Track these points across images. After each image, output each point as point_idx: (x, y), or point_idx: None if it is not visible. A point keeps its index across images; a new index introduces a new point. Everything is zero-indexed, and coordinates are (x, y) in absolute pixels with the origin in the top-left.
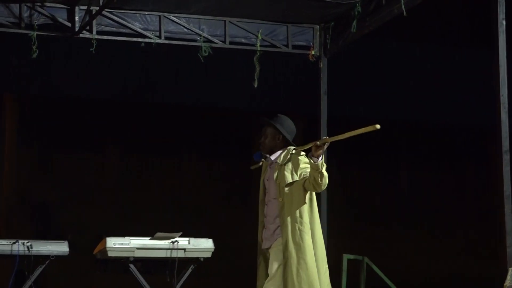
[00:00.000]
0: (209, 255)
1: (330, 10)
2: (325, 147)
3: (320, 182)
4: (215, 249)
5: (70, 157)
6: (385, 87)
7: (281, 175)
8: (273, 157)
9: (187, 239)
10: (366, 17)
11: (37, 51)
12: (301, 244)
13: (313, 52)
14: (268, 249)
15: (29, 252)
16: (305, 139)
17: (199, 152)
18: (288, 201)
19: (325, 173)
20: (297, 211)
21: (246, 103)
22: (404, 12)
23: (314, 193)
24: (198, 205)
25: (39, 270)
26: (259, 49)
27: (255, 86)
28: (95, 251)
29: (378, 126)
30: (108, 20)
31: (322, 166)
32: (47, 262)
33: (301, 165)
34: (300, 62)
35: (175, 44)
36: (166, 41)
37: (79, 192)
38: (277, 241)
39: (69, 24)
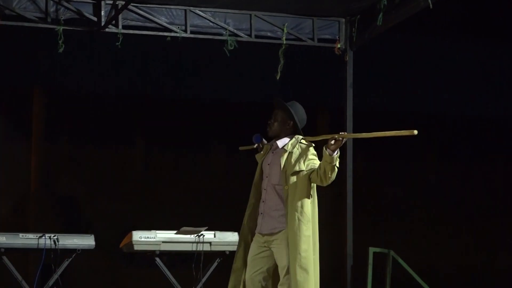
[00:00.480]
0: (235, 248)
1: (356, 3)
2: (343, 142)
3: (329, 175)
4: None
5: (97, 150)
6: (410, 80)
7: (288, 163)
8: (280, 143)
9: (213, 232)
10: (392, 10)
11: (63, 46)
12: (298, 233)
13: (339, 46)
14: (267, 235)
15: (55, 245)
16: (331, 132)
17: (225, 145)
18: (292, 190)
19: (336, 168)
20: (299, 201)
21: (271, 97)
22: (430, 5)
23: (315, 188)
24: (224, 198)
25: (65, 264)
26: (284, 42)
27: (277, 78)
28: (121, 244)
29: (415, 132)
30: (134, 15)
31: (336, 160)
32: (73, 255)
33: (309, 156)
34: (326, 56)
35: (200, 38)
36: (192, 35)
37: (106, 186)
38: (282, 233)
39: (95, 19)
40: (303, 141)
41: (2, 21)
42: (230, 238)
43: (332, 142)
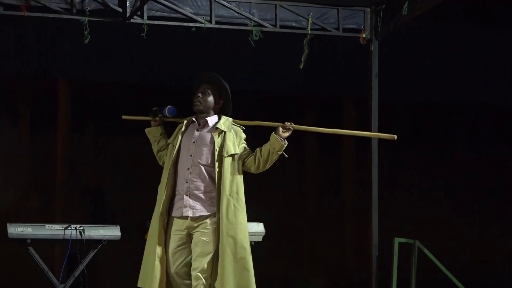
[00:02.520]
0: (260, 239)
1: None
2: (290, 132)
3: (270, 163)
4: (265, 233)
5: (123, 141)
6: (436, 69)
7: (223, 144)
8: (210, 121)
9: None
10: None
11: (89, 37)
12: (234, 221)
13: (364, 35)
14: (192, 220)
15: (81, 236)
16: (357, 121)
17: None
18: (226, 173)
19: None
20: (235, 186)
21: (295, 87)
22: None
23: None
24: (248, 188)
25: (91, 255)
26: (309, 32)
27: (301, 67)
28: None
29: (395, 137)
30: (159, 5)
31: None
32: (99, 246)
33: (243, 140)
34: (351, 46)
35: (225, 29)
36: (217, 26)
37: (132, 176)
38: (209, 220)
39: (120, 10)
40: (233, 123)
41: (28, 13)
42: (255, 228)
43: (284, 129)
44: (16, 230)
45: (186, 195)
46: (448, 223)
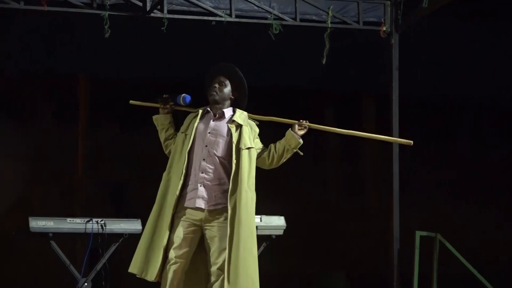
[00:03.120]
0: (281, 232)
1: None
2: (306, 130)
3: (284, 160)
4: (287, 227)
5: (143, 135)
6: (457, 63)
7: (241, 137)
8: (227, 112)
9: (259, 216)
10: None
11: (109, 31)
12: (251, 214)
13: (384, 28)
14: (208, 211)
15: (102, 230)
16: (377, 115)
17: (271, 130)
18: (245, 166)
19: None
20: (251, 180)
21: (316, 81)
22: None
23: None
24: (269, 182)
25: (112, 248)
26: (330, 26)
27: (323, 62)
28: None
29: (411, 143)
30: None
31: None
32: (120, 240)
33: (257, 135)
34: (371, 39)
35: (245, 22)
36: (237, 19)
37: (153, 170)
38: (223, 214)
39: (140, 4)
40: (249, 117)
41: (48, 7)
42: (276, 222)
43: (300, 127)
44: (38, 224)
45: (201, 186)
46: (470, 216)
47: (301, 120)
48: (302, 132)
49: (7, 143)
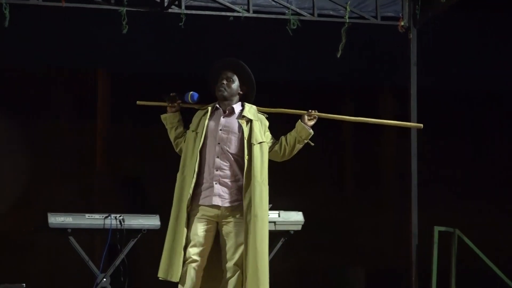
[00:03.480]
0: (299, 228)
1: None
2: (316, 120)
3: (295, 151)
4: (305, 222)
5: (161, 131)
6: (476, 57)
7: (252, 132)
8: (236, 108)
9: (277, 212)
10: None
11: (127, 27)
12: (265, 208)
13: (402, 23)
14: (225, 208)
15: (121, 226)
16: (395, 109)
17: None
18: (257, 161)
19: None
20: (265, 175)
21: (333, 75)
22: None
23: None
24: (288, 178)
25: (131, 244)
26: (347, 21)
27: (338, 56)
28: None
29: (421, 126)
30: None
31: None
32: (139, 235)
33: (267, 128)
34: (389, 34)
35: (263, 18)
36: (254, 15)
37: (171, 165)
38: (238, 209)
39: None
40: (258, 111)
41: (66, 3)
42: (295, 217)
43: (310, 117)
44: (56, 219)
45: (216, 183)
46: (488, 212)
47: (310, 110)
48: (312, 123)
49: (26, 139)
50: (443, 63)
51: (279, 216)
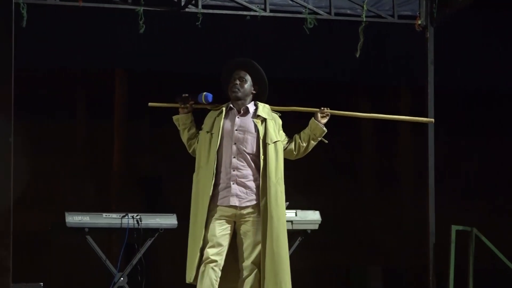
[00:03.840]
0: (316, 227)
1: None
2: (328, 117)
3: (310, 149)
4: (321, 221)
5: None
6: (493, 57)
7: (267, 132)
8: (251, 107)
9: (294, 211)
10: None
11: (144, 26)
12: (281, 208)
13: (419, 22)
14: (241, 208)
15: (138, 225)
16: (412, 109)
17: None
18: (272, 160)
19: None
20: (280, 174)
21: (350, 76)
22: None
23: None
24: (304, 177)
25: (148, 243)
26: (364, 20)
27: (357, 56)
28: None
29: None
30: None
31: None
32: (156, 235)
33: (281, 127)
34: (406, 33)
35: (279, 17)
36: (271, 14)
37: (188, 164)
38: (256, 209)
39: None
40: (270, 110)
41: (83, 3)
42: (311, 216)
43: (323, 115)
44: (74, 219)
45: (234, 184)
46: (506, 210)
47: (322, 108)
48: (325, 120)
49: (43, 138)
50: (460, 61)
51: (296, 215)
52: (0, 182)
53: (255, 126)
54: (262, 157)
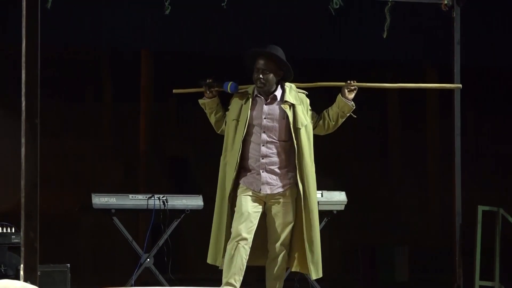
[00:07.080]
0: (342, 208)
1: None
2: (356, 91)
3: (339, 125)
4: (348, 202)
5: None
6: None
7: (297, 117)
8: (278, 94)
9: (320, 192)
10: None
11: (170, 7)
12: (314, 189)
13: (445, 2)
14: (273, 194)
15: (164, 206)
16: (440, 89)
17: (328, 105)
18: (305, 144)
19: None
20: (311, 156)
21: (378, 55)
22: None
23: None
24: (330, 157)
25: (174, 224)
26: (390, 0)
27: (384, 37)
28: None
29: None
30: None
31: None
32: (182, 216)
33: (309, 106)
34: (433, 12)
35: None
36: None
37: (215, 146)
38: (288, 191)
39: None
40: (298, 89)
41: None
42: (338, 197)
43: (349, 89)
44: (100, 200)
45: (263, 171)
46: None
47: (349, 81)
48: (352, 95)
49: (70, 120)
50: (487, 40)
51: (322, 196)
52: (27, 164)
53: (284, 112)
54: (295, 142)
